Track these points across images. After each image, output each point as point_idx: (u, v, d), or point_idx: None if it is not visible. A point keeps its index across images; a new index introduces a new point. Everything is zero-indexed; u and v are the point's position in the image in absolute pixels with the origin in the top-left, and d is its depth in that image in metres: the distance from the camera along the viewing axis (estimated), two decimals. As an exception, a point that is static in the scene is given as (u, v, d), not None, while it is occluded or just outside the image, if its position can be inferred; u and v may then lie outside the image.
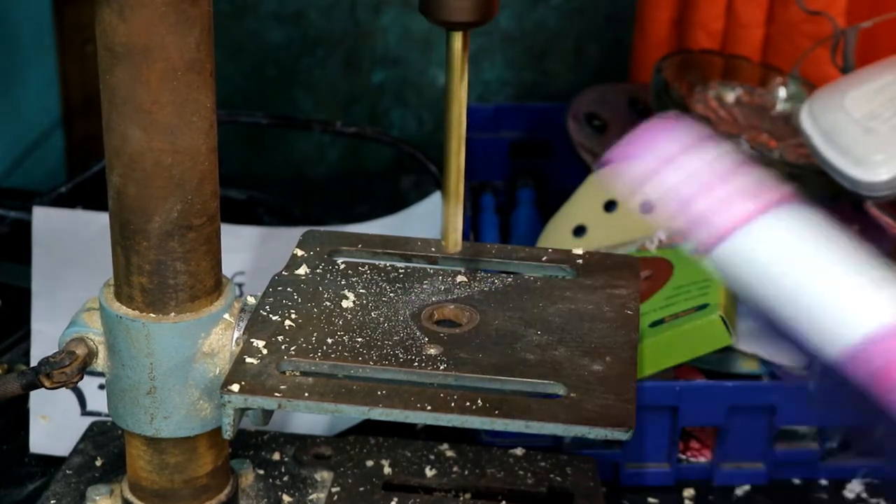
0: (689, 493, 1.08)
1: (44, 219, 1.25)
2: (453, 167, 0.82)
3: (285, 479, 0.97)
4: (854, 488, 1.08)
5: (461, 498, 0.96)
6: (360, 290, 0.88)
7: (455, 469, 0.99)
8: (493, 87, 1.75)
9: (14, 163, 1.56)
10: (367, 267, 0.91)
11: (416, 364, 0.80)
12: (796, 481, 1.09)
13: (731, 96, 1.35)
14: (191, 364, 0.83)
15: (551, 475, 0.99)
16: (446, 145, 0.81)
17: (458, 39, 0.78)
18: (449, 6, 0.76)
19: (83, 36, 1.56)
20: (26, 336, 1.18)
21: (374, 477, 0.98)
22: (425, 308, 0.86)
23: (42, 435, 1.08)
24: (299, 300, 0.86)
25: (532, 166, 1.46)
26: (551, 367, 0.80)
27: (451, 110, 0.80)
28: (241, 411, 0.79)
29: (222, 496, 0.90)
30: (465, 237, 1.05)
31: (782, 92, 1.35)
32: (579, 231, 1.26)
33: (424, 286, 0.89)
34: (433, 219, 1.26)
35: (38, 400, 1.08)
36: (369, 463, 0.99)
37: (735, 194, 0.76)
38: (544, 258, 0.92)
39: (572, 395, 0.77)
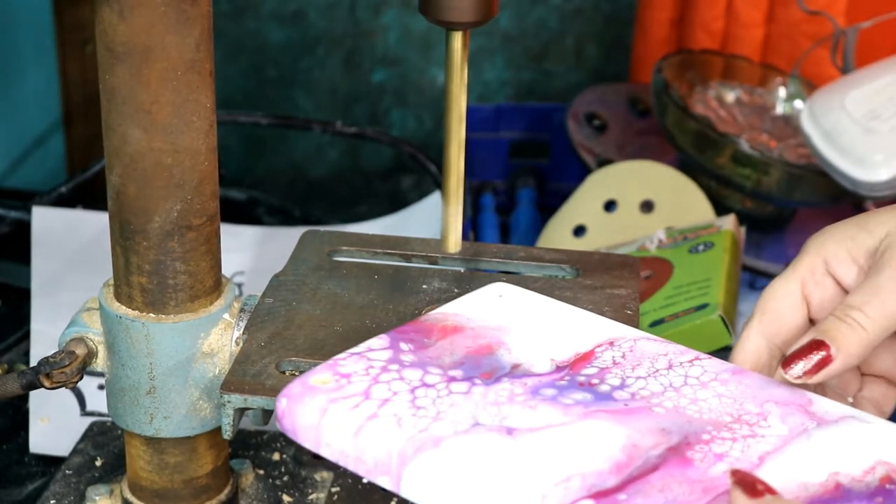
0: (689, 493, 1.07)
1: (44, 219, 1.25)
2: (453, 167, 0.82)
3: (285, 479, 0.97)
4: (854, 488, 1.08)
5: (461, 498, 0.96)
6: (360, 290, 0.88)
7: (455, 469, 0.99)
8: (493, 87, 1.75)
9: (14, 163, 1.56)
10: (367, 267, 0.91)
11: (415, 364, 0.80)
12: (796, 481, 1.09)
13: (731, 96, 1.35)
14: (190, 364, 0.83)
15: (551, 475, 0.98)
16: (446, 145, 0.81)
17: (457, 39, 0.78)
18: (449, 6, 0.76)
19: (83, 36, 1.56)
20: (26, 336, 1.18)
21: (374, 477, 0.98)
22: (425, 308, 0.86)
23: (42, 435, 1.08)
24: (299, 300, 0.86)
25: (532, 166, 1.46)
26: (551, 367, 0.80)
27: (451, 110, 0.80)
28: (241, 411, 0.79)
29: (222, 496, 0.90)
30: (464, 237, 1.05)
31: (782, 92, 1.36)
32: (579, 231, 1.26)
33: (424, 286, 0.89)
34: (433, 219, 1.26)
35: (38, 400, 1.08)
36: (369, 463, 0.99)
37: None
38: (544, 258, 0.92)
39: (572, 395, 0.77)
